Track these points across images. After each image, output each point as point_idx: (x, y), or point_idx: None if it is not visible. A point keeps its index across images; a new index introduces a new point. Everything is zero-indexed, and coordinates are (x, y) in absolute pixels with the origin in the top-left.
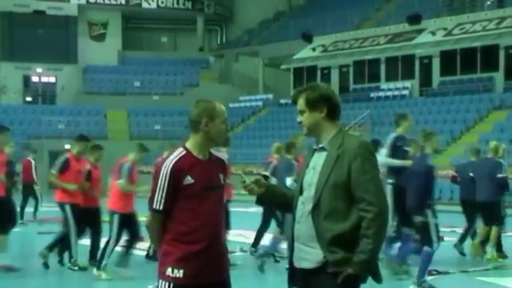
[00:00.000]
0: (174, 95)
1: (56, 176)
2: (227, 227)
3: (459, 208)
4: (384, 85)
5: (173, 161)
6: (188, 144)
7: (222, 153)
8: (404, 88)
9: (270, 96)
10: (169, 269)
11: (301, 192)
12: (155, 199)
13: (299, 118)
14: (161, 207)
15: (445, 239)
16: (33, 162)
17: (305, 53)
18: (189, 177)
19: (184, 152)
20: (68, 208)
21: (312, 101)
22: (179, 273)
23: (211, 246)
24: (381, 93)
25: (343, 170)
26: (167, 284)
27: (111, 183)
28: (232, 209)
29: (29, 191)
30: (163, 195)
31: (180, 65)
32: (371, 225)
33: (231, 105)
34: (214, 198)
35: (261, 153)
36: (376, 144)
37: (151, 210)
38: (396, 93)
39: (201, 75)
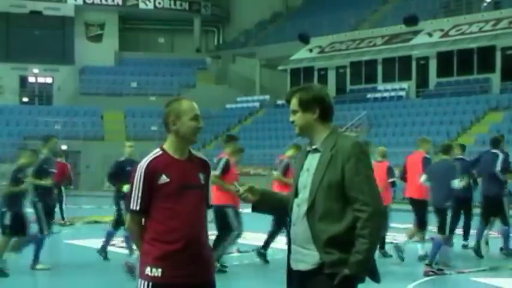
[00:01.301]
0: (171, 96)
1: (219, 177)
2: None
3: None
4: (380, 86)
5: (147, 161)
6: (165, 145)
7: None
8: (401, 89)
9: (267, 97)
10: (148, 268)
11: (296, 194)
12: (132, 199)
13: (291, 117)
14: (138, 207)
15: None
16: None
17: (302, 54)
18: (164, 176)
19: (160, 152)
20: (229, 211)
21: (305, 101)
22: (157, 272)
23: (189, 246)
24: (378, 94)
25: (337, 170)
26: (146, 283)
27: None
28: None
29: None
30: (139, 195)
31: (176, 66)
32: (366, 225)
33: (228, 106)
34: (193, 197)
35: (258, 154)
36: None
37: (129, 210)
38: (393, 94)
39: (198, 76)
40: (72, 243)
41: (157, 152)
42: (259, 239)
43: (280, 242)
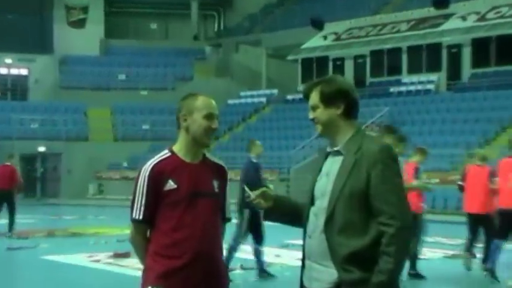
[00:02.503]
0: (164, 90)
1: None
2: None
3: None
4: (405, 78)
5: (153, 164)
6: (175, 146)
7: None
8: (430, 82)
9: (275, 91)
10: None
11: (312, 202)
12: (134, 207)
13: (311, 114)
14: (141, 217)
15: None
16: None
17: (315, 42)
18: (171, 182)
19: (169, 153)
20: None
21: (328, 95)
22: None
23: (196, 261)
24: (402, 88)
25: (361, 177)
26: None
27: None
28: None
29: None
30: (143, 202)
31: (171, 55)
32: (392, 242)
33: (230, 101)
34: (204, 207)
35: (265, 156)
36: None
37: (131, 220)
38: (420, 87)
39: (196, 67)
40: (51, 259)
41: (165, 153)
42: (266, 253)
43: (289, 256)
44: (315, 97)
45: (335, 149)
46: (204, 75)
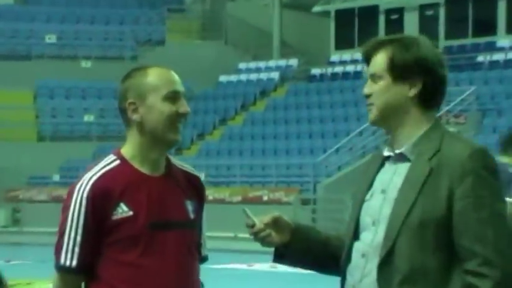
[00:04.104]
0: (119, 61)
1: None
2: None
3: None
4: (502, 41)
5: (93, 178)
6: (124, 149)
7: None
8: None
9: (293, 62)
10: None
11: (357, 234)
12: (63, 249)
13: (368, 88)
14: (74, 263)
15: None
16: None
17: None
18: (123, 206)
19: (117, 161)
20: None
21: (402, 64)
22: None
23: None
24: (498, 56)
25: (440, 198)
26: None
27: None
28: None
29: None
30: (77, 240)
31: (130, 5)
32: None
33: (222, 78)
34: (174, 244)
35: (278, 165)
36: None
37: (57, 267)
38: None
39: (169, 24)
40: None
41: (110, 161)
42: None
43: None
44: (380, 61)
45: (397, 151)
46: (183, 37)
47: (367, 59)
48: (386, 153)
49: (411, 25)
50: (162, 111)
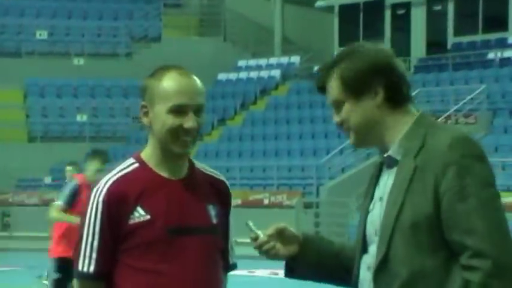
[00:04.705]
0: (113, 58)
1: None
2: None
3: None
4: None
5: (110, 182)
6: (144, 152)
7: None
8: None
9: (296, 59)
10: None
11: (365, 247)
12: (81, 254)
13: (336, 117)
14: (91, 269)
15: None
16: None
17: None
18: (140, 210)
19: (135, 164)
20: None
21: (354, 79)
22: None
23: None
24: (509, 53)
25: (428, 195)
26: None
27: None
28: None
29: None
30: (94, 245)
31: (125, 1)
32: None
33: (221, 76)
34: (194, 250)
35: (277, 167)
36: None
37: (76, 275)
38: None
39: (166, 20)
40: None
41: (128, 164)
42: None
43: None
44: (334, 86)
45: (385, 155)
46: (179, 34)
47: (321, 90)
48: (380, 159)
49: (418, 21)
50: (164, 123)
